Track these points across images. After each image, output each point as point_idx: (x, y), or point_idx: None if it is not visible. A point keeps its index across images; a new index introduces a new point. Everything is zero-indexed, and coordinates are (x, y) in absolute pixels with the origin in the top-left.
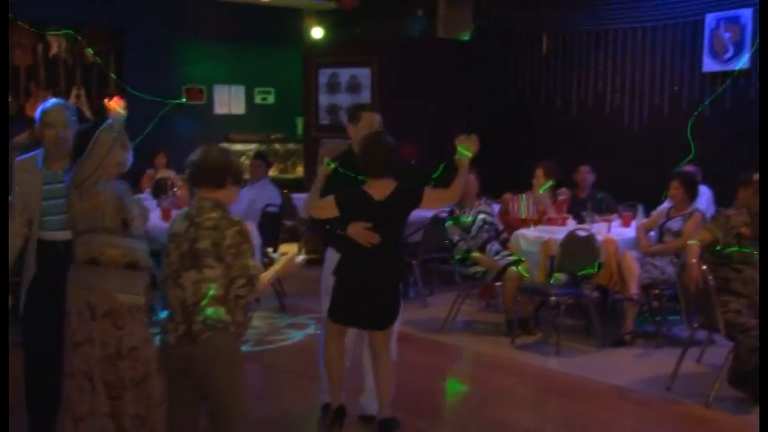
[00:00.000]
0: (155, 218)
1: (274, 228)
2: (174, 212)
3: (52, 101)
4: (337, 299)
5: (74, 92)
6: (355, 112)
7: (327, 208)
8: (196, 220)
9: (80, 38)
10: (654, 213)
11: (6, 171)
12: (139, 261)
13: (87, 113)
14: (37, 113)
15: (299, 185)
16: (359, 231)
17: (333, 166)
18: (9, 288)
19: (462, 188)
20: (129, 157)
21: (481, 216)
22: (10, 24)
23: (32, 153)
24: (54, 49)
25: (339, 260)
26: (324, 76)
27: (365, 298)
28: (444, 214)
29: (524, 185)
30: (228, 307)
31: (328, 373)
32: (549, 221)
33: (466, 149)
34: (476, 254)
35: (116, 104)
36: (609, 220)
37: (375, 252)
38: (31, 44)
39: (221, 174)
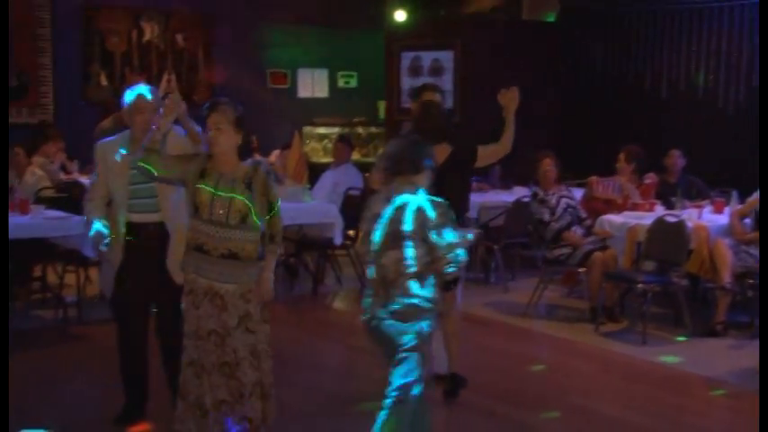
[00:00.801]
0: None
1: (356, 211)
2: None
3: (140, 86)
4: None
5: (165, 76)
6: (418, 91)
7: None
8: (399, 205)
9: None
10: (749, 199)
11: (6, 171)
12: (239, 253)
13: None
14: (124, 98)
15: None
16: None
17: None
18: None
19: (511, 139)
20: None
21: (564, 200)
22: (105, 9)
23: (115, 136)
24: (147, 35)
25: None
26: (406, 59)
27: None
28: (527, 198)
29: (612, 170)
30: (426, 284)
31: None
32: (636, 207)
33: (507, 102)
34: (567, 233)
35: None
36: (700, 206)
37: None
38: (126, 30)
39: (417, 161)
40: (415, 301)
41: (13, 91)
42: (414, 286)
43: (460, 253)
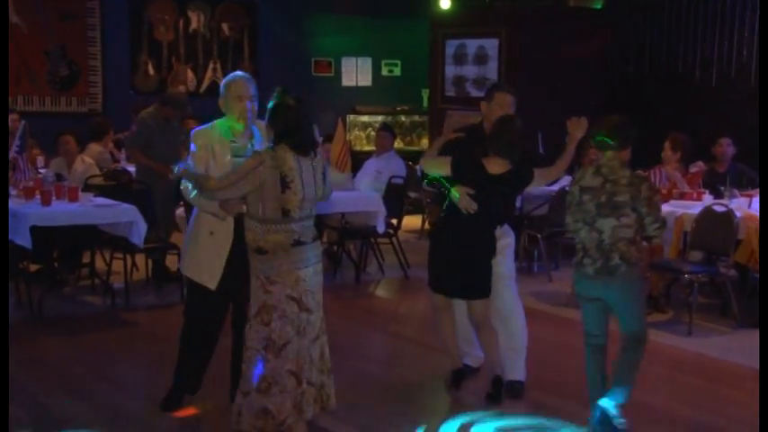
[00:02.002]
0: None
1: (399, 199)
2: None
3: (237, 73)
4: (432, 266)
5: (210, 65)
6: (490, 90)
7: (441, 164)
8: (611, 177)
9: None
10: None
11: (6, 170)
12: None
13: None
14: (222, 85)
15: None
16: (463, 194)
17: (458, 135)
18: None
19: (567, 165)
20: None
21: None
22: (153, 0)
23: (209, 124)
24: (194, 24)
25: (434, 226)
26: (451, 47)
27: (453, 269)
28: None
29: (659, 159)
30: (637, 247)
31: (443, 340)
32: (683, 196)
33: (575, 130)
34: None
35: None
36: (750, 196)
37: (470, 223)
38: (173, 20)
39: (624, 137)
40: (626, 263)
41: (64, 80)
42: (629, 250)
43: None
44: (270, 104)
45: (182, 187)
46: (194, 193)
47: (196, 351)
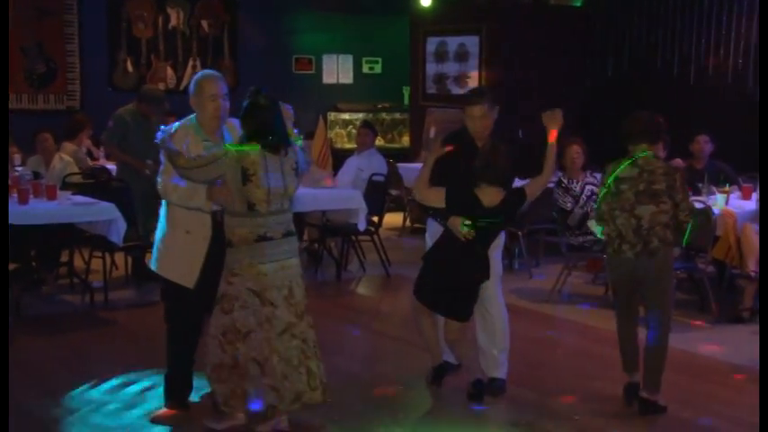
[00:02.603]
0: None
1: (380, 197)
2: None
3: (208, 71)
4: (422, 280)
5: (190, 63)
6: (464, 99)
7: (435, 197)
8: (647, 168)
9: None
10: None
11: (6, 170)
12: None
13: None
14: (193, 84)
15: (405, 155)
16: (458, 225)
17: (446, 150)
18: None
19: (554, 165)
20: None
21: (588, 187)
22: None
23: (183, 121)
24: (173, 21)
25: (433, 244)
26: (432, 44)
27: (447, 289)
28: (551, 185)
29: None
30: (672, 231)
31: (422, 336)
32: None
33: (550, 123)
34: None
35: None
36: (727, 192)
37: (468, 248)
38: (152, 17)
39: (656, 132)
40: (663, 244)
41: (41, 78)
42: (666, 233)
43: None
44: (244, 104)
45: (159, 187)
46: (174, 192)
47: (188, 354)
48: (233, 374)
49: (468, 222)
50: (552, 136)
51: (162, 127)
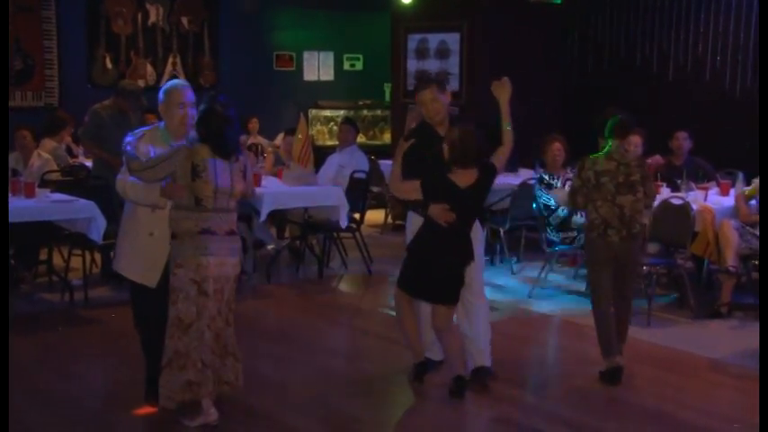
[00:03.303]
0: None
1: (362, 194)
2: (266, 178)
3: (177, 81)
4: (407, 270)
5: (170, 59)
6: (414, 94)
7: (412, 190)
8: (623, 161)
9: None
10: (755, 181)
11: (6, 169)
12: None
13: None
14: (162, 93)
15: (386, 152)
16: (438, 212)
17: (409, 142)
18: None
19: (512, 134)
20: None
21: (570, 183)
22: None
23: (152, 126)
24: (152, 18)
25: (415, 234)
26: (413, 41)
27: (433, 275)
28: (532, 181)
29: None
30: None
31: (404, 333)
32: None
33: (500, 93)
34: (573, 217)
35: None
36: (706, 189)
37: (450, 232)
38: (131, 13)
39: (626, 129)
40: (640, 228)
41: (18, 74)
42: (641, 218)
43: None
44: (200, 108)
45: (119, 188)
46: (131, 189)
47: (155, 344)
48: (176, 368)
49: (447, 207)
50: (504, 105)
51: (131, 132)
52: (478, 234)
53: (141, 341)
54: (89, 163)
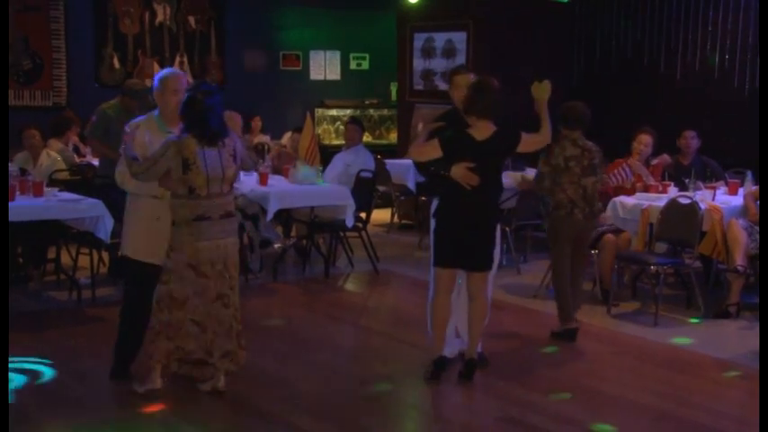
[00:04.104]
0: (252, 182)
1: (368, 193)
2: (272, 177)
3: (171, 69)
4: (441, 243)
5: (177, 58)
6: (450, 76)
7: (431, 149)
8: (586, 147)
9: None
10: None
11: (6, 169)
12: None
13: (189, 79)
14: (157, 80)
15: (392, 151)
16: (461, 172)
17: (437, 124)
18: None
19: (550, 130)
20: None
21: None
22: None
23: (146, 115)
24: (159, 17)
25: (438, 204)
26: (419, 40)
27: (468, 239)
28: None
29: (625, 152)
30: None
31: (434, 324)
32: (648, 189)
33: (540, 94)
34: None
35: None
36: (714, 188)
37: (475, 194)
38: (138, 13)
39: (588, 120)
40: (598, 205)
41: (27, 74)
42: (598, 197)
43: None
44: (184, 99)
45: (118, 180)
46: (131, 181)
47: (137, 324)
48: (159, 337)
49: (469, 165)
50: (542, 106)
51: (128, 123)
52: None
53: (127, 321)
54: (97, 162)
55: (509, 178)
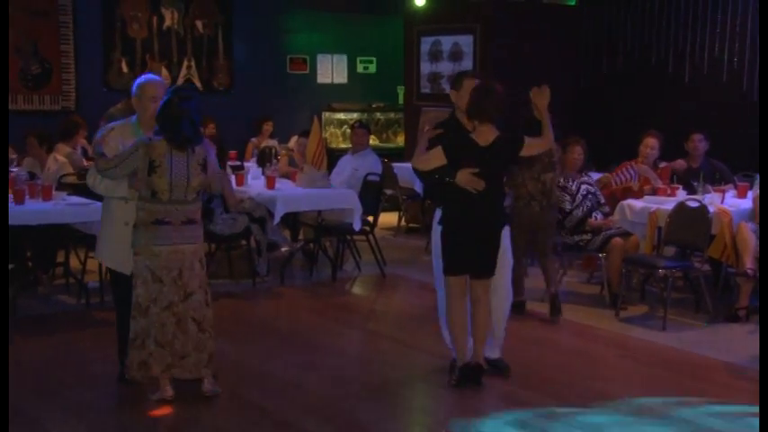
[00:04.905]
0: (260, 186)
1: (375, 196)
2: (279, 181)
3: (150, 76)
4: (450, 250)
5: (185, 62)
6: (458, 78)
7: (435, 157)
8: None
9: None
10: None
11: (6, 169)
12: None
13: (198, 84)
14: (136, 87)
15: (400, 155)
16: (467, 177)
17: (436, 131)
18: None
19: (551, 135)
20: None
21: (584, 186)
22: None
23: (124, 120)
24: (167, 22)
25: (443, 211)
26: (426, 44)
27: (475, 245)
28: None
29: (632, 154)
30: None
31: (454, 332)
32: (657, 192)
33: (539, 99)
34: (591, 220)
35: None
36: (723, 191)
37: (481, 199)
38: (146, 17)
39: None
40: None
41: (36, 78)
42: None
43: None
44: (161, 102)
45: (89, 182)
46: (101, 183)
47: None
48: (145, 345)
49: (474, 171)
50: (542, 112)
51: (102, 126)
52: (505, 231)
53: (122, 325)
54: None
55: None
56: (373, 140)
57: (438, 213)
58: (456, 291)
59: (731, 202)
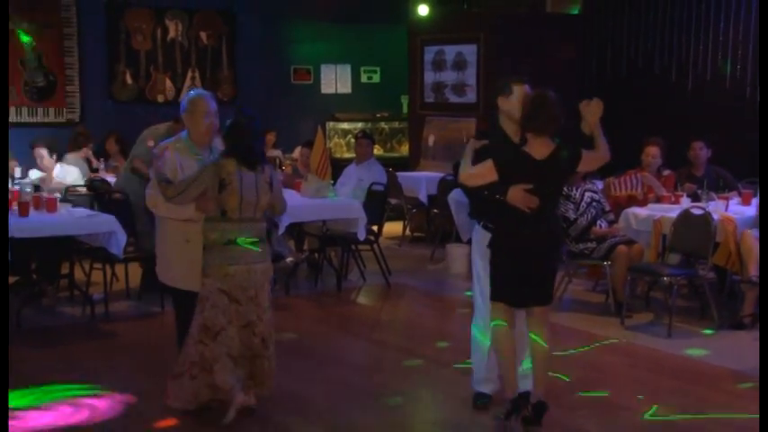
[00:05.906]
0: None
1: (380, 206)
2: (284, 191)
3: (200, 91)
4: (502, 277)
5: (189, 74)
6: (506, 84)
7: (486, 172)
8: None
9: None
10: None
11: (6, 168)
12: None
13: None
14: (187, 102)
15: (404, 164)
16: (519, 195)
17: (481, 142)
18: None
19: (607, 148)
20: None
21: (588, 194)
22: (130, 8)
23: (173, 138)
24: (171, 33)
25: (494, 233)
26: (429, 53)
27: (532, 270)
28: None
29: (635, 162)
30: None
31: (500, 360)
32: (661, 200)
33: (590, 115)
34: (595, 228)
35: None
36: (727, 198)
37: (535, 218)
38: (150, 29)
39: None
40: None
41: (40, 91)
42: None
43: None
44: (228, 122)
45: (149, 203)
46: (163, 206)
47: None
48: (202, 372)
49: (526, 187)
50: (594, 127)
51: (155, 146)
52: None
53: (180, 339)
54: (110, 177)
55: None
56: (377, 150)
57: (477, 233)
58: (504, 316)
59: (735, 210)
